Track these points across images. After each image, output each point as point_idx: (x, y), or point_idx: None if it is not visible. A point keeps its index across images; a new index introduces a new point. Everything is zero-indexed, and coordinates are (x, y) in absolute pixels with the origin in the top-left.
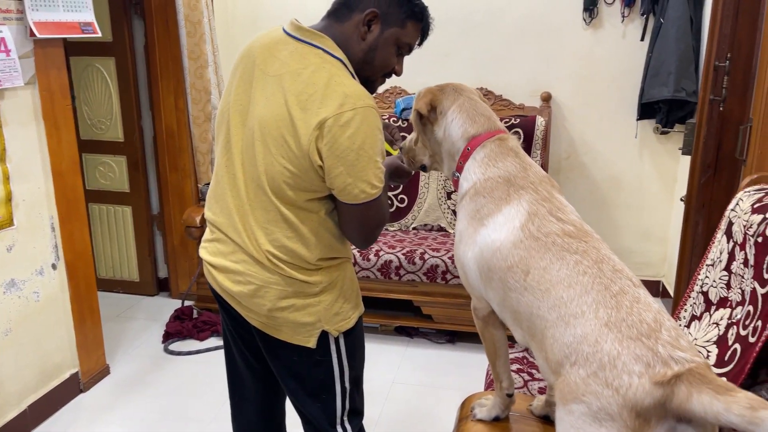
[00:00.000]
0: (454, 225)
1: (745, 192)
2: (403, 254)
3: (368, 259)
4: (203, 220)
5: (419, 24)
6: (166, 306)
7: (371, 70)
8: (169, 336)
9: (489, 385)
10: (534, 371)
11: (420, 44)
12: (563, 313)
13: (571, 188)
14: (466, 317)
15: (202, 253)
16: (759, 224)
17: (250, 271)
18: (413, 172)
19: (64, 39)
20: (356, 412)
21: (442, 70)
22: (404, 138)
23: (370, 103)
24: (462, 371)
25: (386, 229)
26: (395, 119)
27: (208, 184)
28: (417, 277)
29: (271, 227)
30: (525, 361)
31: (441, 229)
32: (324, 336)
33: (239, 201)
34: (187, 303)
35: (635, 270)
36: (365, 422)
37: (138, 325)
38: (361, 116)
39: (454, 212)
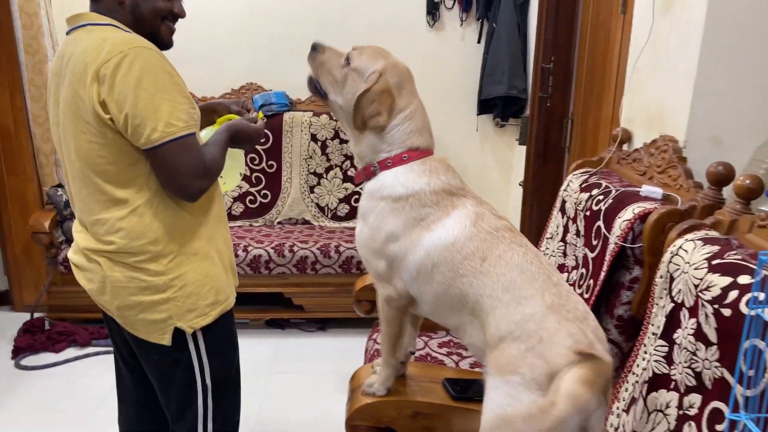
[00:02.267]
0: (318, 218)
1: (574, 174)
2: (272, 248)
3: (236, 255)
4: (52, 225)
5: None
6: (9, 320)
7: (148, 24)
8: (19, 351)
9: (370, 359)
10: (463, 351)
11: None
12: (516, 294)
13: None
14: (337, 304)
15: (68, 253)
16: (586, 201)
17: (93, 267)
18: (263, 133)
19: None
20: (226, 423)
21: (295, 66)
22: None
23: (140, 44)
24: (336, 355)
25: (251, 225)
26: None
27: (55, 186)
28: (287, 270)
29: (104, 215)
30: (452, 343)
31: (306, 222)
32: (179, 332)
33: (75, 195)
34: (38, 315)
35: None
36: (246, 414)
37: None
38: (131, 57)
39: (318, 205)
